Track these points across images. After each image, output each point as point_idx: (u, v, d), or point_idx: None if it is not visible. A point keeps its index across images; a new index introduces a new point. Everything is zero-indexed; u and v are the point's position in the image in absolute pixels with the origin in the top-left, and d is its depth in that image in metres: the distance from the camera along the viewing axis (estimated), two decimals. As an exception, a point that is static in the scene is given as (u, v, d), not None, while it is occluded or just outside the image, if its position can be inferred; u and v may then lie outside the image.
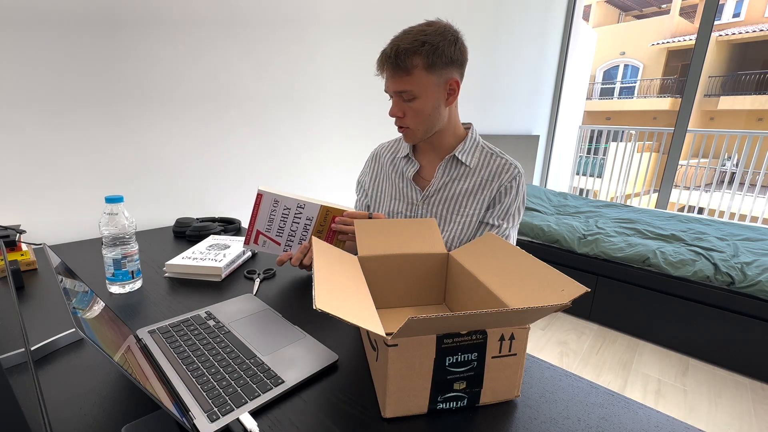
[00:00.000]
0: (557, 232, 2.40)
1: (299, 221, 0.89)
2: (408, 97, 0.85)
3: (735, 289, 1.86)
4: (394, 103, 0.88)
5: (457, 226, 0.94)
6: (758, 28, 11.43)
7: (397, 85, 0.84)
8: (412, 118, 0.88)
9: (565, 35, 3.77)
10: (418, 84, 0.83)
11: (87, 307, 0.51)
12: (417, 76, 0.82)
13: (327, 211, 0.88)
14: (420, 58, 0.81)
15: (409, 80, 0.83)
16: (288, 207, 0.88)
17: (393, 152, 1.06)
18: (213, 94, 1.42)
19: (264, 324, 0.70)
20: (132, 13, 1.19)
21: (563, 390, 0.57)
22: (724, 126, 12.14)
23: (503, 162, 0.94)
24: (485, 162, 0.94)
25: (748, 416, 1.63)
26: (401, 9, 2.01)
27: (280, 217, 0.88)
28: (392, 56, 0.82)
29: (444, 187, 0.95)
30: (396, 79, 0.84)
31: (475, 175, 0.94)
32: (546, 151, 4.07)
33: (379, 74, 0.88)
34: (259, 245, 0.90)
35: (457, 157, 0.94)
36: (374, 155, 1.11)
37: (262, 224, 0.88)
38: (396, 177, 1.02)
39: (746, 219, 3.87)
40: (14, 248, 0.90)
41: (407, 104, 0.86)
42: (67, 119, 1.12)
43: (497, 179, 0.93)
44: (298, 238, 0.90)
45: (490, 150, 0.96)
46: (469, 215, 0.94)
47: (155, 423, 0.46)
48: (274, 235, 0.90)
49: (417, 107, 0.86)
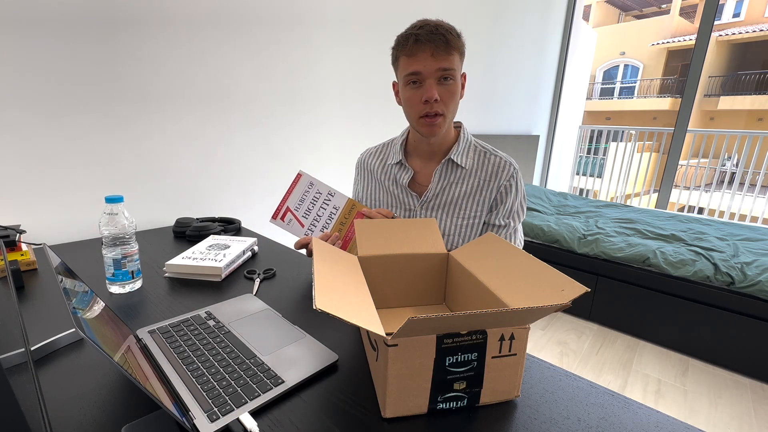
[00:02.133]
0: (557, 232, 2.40)
1: (326, 208, 0.94)
2: (449, 75, 0.82)
3: (735, 289, 1.86)
4: (430, 86, 0.82)
5: (459, 229, 0.94)
6: (758, 28, 11.43)
7: (443, 61, 0.80)
8: (448, 101, 0.84)
9: (565, 35, 3.76)
10: (456, 65, 0.82)
11: (87, 307, 0.51)
12: (455, 57, 0.82)
13: (353, 205, 0.94)
14: (458, 41, 0.82)
15: (452, 59, 0.81)
16: (320, 192, 0.95)
17: (381, 159, 1.03)
18: (213, 95, 1.42)
19: (264, 324, 0.70)
20: (133, 14, 1.19)
21: (563, 390, 0.57)
22: (724, 126, 12.13)
23: (498, 161, 0.93)
24: (480, 162, 0.94)
25: (748, 416, 1.63)
26: (401, 11, 2.01)
27: (311, 200, 0.94)
28: (440, 33, 0.79)
29: (442, 191, 0.94)
30: (441, 56, 0.80)
31: (472, 177, 0.93)
32: (546, 151, 4.07)
33: (400, 57, 0.84)
34: (285, 222, 0.94)
35: (452, 160, 0.93)
36: (361, 163, 1.08)
37: (293, 202, 0.94)
38: (390, 183, 1.00)
39: (746, 219, 3.87)
40: (14, 248, 0.90)
41: (444, 87, 0.83)
42: (68, 119, 1.12)
43: (495, 180, 0.92)
44: (321, 225, 0.94)
45: (483, 149, 0.95)
46: (469, 217, 0.94)
47: (155, 423, 0.46)
48: (301, 215, 0.94)
49: (453, 90, 0.84)
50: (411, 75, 0.83)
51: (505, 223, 0.94)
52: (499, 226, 0.94)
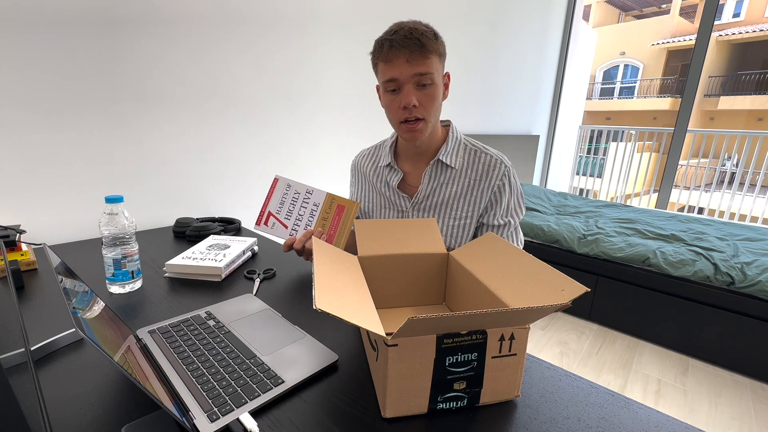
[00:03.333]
0: (557, 232, 2.40)
1: (307, 206, 0.96)
2: (427, 81, 0.80)
3: (735, 289, 1.86)
4: (409, 91, 0.81)
5: (451, 230, 0.93)
6: (758, 28, 11.43)
7: (419, 66, 0.79)
8: (428, 106, 0.83)
9: (565, 35, 3.77)
10: (434, 69, 0.81)
11: (87, 307, 0.51)
12: (433, 60, 0.80)
13: (332, 199, 0.96)
14: (434, 43, 0.80)
15: (430, 64, 0.80)
16: (298, 192, 0.97)
17: (373, 161, 1.02)
18: (212, 94, 1.42)
19: (264, 324, 0.70)
20: (131, 13, 1.19)
21: (563, 390, 0.57)
22: (724, 126, 12.13)
23: (489, 159, 0.91)
24: (470, 161, 0.92)
25: (748, 416, 1.63)
26: (399, 7, 2.01)
27: (291, 201, 0.96)
28: (414, 37, 0.78)
29: (433, 192, 0.93)
30: (417, 61, 0.79)
31: (463, 177, 0.92)
32: (546, 151, 4.07)
33: (377, 63, 0.83)
34: (268, 227, 0.96)
35: (441, 161, 0.91)
36: (355, 166, 1.08)
37: (274, 206, 0.96)
38: (381, 186, 0.99)
39: (746, 219, 3.87)
40: (14, 248, 0.90)
41: (422, 91, 0.81)
42: (68, 119, 1.12)
43: (486, 179, 0.91)
44: (305, 224, 0.96)
45: (473, 146, 0.94)
46: (461, 218, 0.93)
47: (155, 423, 0.46)
48: (283, 218, 0.96)
49: (432, 94, 0.82)
50: (389, 82, 0.82)
51: (505, 222, 0.93)
52: (499, 225, 0.93)
